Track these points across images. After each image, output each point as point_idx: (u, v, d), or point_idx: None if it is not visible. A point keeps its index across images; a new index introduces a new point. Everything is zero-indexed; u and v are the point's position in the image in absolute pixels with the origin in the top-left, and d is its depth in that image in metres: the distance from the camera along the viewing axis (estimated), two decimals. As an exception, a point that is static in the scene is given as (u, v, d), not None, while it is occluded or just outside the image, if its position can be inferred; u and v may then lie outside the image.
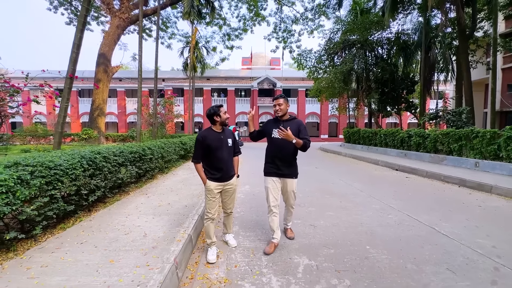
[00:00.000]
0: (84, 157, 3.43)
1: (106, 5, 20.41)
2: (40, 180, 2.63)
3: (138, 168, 5.23)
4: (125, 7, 19.78)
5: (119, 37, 20.07)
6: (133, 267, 2.17)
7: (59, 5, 24.01)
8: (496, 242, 2.98)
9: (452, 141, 8.31)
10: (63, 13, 24.60)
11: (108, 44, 19.10)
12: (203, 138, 2.61)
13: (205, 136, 2.62)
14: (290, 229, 3.18)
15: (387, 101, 18.33)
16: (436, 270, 2.39)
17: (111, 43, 19.35)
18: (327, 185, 6.24)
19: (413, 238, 3.12)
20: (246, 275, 2.35)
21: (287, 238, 3.08)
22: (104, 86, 18.79)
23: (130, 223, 3.20)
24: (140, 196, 4.59)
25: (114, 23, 19.63)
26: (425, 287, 2.14)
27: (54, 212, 2.87)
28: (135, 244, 2.61)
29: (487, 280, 2.23)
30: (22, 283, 1.94)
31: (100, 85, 18.23)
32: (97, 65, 18.67)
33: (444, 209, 4.31)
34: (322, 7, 21.85)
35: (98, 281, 1.96)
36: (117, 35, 19.71)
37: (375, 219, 3.80)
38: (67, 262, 2.25)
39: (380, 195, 5.20)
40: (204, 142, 2.60)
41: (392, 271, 2.39)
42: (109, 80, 19.64)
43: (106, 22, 24.78)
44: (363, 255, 2.70)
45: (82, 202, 3.44)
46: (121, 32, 19.95)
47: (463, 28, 10.86)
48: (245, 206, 4.50)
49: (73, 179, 3.15)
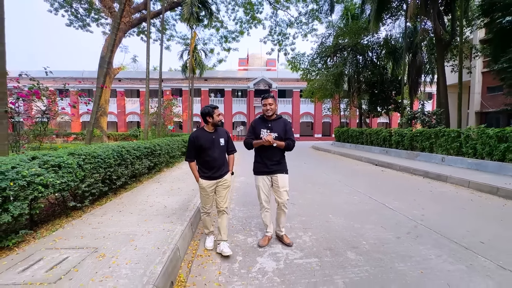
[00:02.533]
0: (114, 150, 4.38)
1: (107, 9, 21.21)
2: (89, 166, 3.59)
3: (150, 161, 6.18)
4: (126, 11, 20.51)
5: (120, 40, 20.85)
6: (161, 223, 3.14)
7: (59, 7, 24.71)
8: (425, 212, 4.02)
9: (424, 139, 9.39)
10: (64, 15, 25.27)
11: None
12: (195, 138, 2.70)
13: (197, 136, 2.71)
14: (285, 235, 3.02)
15: (377, 102, 19.42)
16: (373, 227, 3.41)
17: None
18: (311, 177, 7.25)
19: (366, 211, 4.14)
20: (240, 231, 3.34)
21: (285, 244, 2.92)
22: (106, 86, 19.59)
23: (152, 200, 4.17)
24: (153, 184, 5.55)
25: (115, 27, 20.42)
26: (362, 235, 3.16)
27: (96, 191, 3.83)
28: (159, 212, 3.58)
29: (405, 232, 3.25)
30: (89, 231, 2.90)
31: (102, 86, 19.04)
32: (99, 67, 19.46)
33: (401, 193, 5.35)
34: (315, 12, 22.86)
35: (140, 230, 2.93)
36: (118, 38, 20.48)
37: (342, 199, 4.82)
38: (115, 221, 3.21)
39: (353, 184, 6.22)
40: (196, 142, 2.69)
41: (343, 227, 3.41)
42: (111, 82, 20.45)
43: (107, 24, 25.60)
44: (325, 220, 3.72)
45: (111, 186, 4.39)
46: (122, 35, 20.73)
47: (439, 37, 11.94)
48: (240, 192, 5.49)
49: (108, 166, 4.10)
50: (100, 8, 23.45)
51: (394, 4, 16.65)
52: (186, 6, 15.59)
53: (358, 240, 3.04)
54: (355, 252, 2.73)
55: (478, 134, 7.29)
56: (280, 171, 2.90)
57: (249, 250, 2.82)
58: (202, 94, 32.88)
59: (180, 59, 21.08)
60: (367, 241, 2.99)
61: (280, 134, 2.85)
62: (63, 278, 1.96)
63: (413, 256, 2.64)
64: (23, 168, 2.57)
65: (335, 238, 3.10)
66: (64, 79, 18.84)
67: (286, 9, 25.14)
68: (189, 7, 15.52)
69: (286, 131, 2.89)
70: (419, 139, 9.69)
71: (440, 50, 12.30)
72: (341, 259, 2.59)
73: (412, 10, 12.38)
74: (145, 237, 2.73)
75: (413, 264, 2.48)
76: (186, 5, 15.53)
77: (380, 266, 2.46)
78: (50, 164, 2.97)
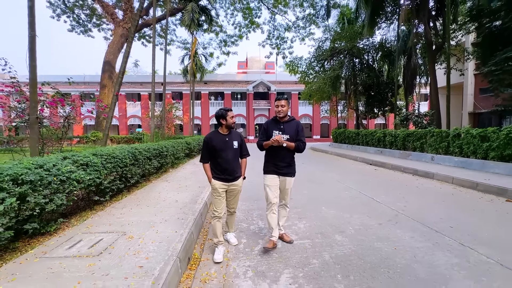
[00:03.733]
0: (129, 151, 4.87)
1: (110, 15, 21.82)
2: (109, 165, 4.07)
3: (158, 162, 6.67)
4: (128, 18, 21.13)
5: (122, 45, 21.39)
6: (175, 213, 3.62)
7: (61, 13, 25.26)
8: (408, 204, 4.51)
9: (415, 139, 9.91)
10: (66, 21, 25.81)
11: (112, 52, 20.47)
12: (209, 140, 2.78)
13: (211, 138, 2.79)
14: (285, 234, 3.12)
15: (374, 103, 19.98)
16: (360, 216, 3.91)
17: (115, 51, 20.71)
18: (307, 175, 7.74)
19: (355, 203, 4.63)
20: (244, 220, 3.83)
21: (286, 242, 3.01)
22: (109, 91, 20.11)
23: (164, 195, 4.65)
24: (162, 182, 6.04)
25: (118, 33, 21.02)
26: (349, 223, 3.65)
27: (115, 187, 4.32)
28: (172, 205, 4.06)
29: (387, 219, 3.75)
30: (114, 220, 3.38)
31: (105, 90, 19.58)
32: (102, 72, 20.05)
33: (389, 188, 5.85)
34: (312, 16, 23.50)
35: (158, 218, 3.41)
36: (120, 44, 21.05)
37: (334, 194, 5.32)
38: (134, 212, 3.69)
39: (346, 181, 6.72)
40: (210, 144, 2.77)
41: (333, 217, 3.90)
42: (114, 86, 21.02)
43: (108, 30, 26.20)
44: (318, 211, 4.21)
45: (126, 183, 4.88)
46: (124, 41, 21.27)
47: (430, 42, 12.50)
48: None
49: (124, 165, 4.59)
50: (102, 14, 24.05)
51: (388, 9, 17.26)
52: (187, 13, 16.14)
53: (346, 226, 3.53)
54: (342, 235, 3.22)
55: (464, 134, 7.81)
56: (290, 174, 2.97)
57: (251, 235, 3.31)
58: (202, 97, 33.44)
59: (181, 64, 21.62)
60: (353, 227, 3.48)
61: (292, 135, 2.88)
62: (103, 252, 2.44)
63: (390, 238, 3.13)
64: (61, 166, 3.05)
65: (326, 225, 3.59)
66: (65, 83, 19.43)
67: (284, 13, 25.84)
68: (190, 14, 16.06)
69: (297, 133, 2.90)
70: (411, 139, 10.21)
71: (431, 54, 12.88)
72: (329, 240, 3.08)
73: (404, 16, 12.98)
74: (163, 224, 3.22)
75: (389, 243, 2.97)
76: (187, 12, 16.09)
77: (361, 245, 2.95)
78: (80, 163, 3.46)
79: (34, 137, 3.89)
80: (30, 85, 3.81)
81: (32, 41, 3.84)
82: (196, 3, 17.22)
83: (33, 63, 3.86)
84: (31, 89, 3.81)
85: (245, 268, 2.51)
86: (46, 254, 2.43)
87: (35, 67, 3.89)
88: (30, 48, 3.82)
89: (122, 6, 22.12)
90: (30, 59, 3.82)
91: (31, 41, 3.85)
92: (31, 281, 1.98)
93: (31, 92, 3.79)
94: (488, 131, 7.06)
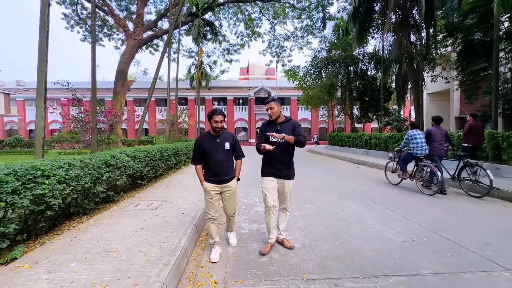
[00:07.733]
0: (158, 149, 6.44)
1: (122, 28, 23.68)
2: (147, 158, 5.64)
3: (175, 159, 8.24)
4: (139, 30, 22.97)
5: (134, 55, 23.19)
6: (196, 193, 5.15)
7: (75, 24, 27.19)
8: (367, 189, 6.02)
9: (394, 141, 11.40)
10: (79, 31, 27.72)
11: (125, 62, 22.22)
12: (199, 141, 2.73)
13: (202, 139, 2.74)
14: (286, 239, 3.03)
15: (368, 108, 21.48)
16: (329, 194, 5.44)
17: (128, 61, 22.47)
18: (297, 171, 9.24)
19: (328, 189, 6.15)
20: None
21: (287, 248, 2.92)
22: (122, 97, 21.84)
23: (184, 182, 6.21)
24: (179, 175, 7.59)
25: (129, 44, 22.80)
26: (318, 198, 5.16)
27: (150, 175, 5.87)
28: (192, 188, 5.60)
29: (345, 197, 5.27)
30: (155, 194, 4.92)
31: (118, 97, 21.32)
32: (116, 80, 21.79)
33: (359, 179, 7.35)
34: (310, 27, 25.19)
35: (185, 194, 4.96)
36: (132, 54, 22.79)
37: (315, 183, 6.84)
38: (167, 191, 5.23)
39: (327, 174, 8.23)
40: (200, 145, 2.71)
41: (308, 195, 5.43)
42: (126, 92, 22.78)
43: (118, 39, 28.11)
44: (299, 193, 5.72)
45: (155, 173, 6.43)
46: (135, 51, 23.06)
47: (410, 55, 14.03)
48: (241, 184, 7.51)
49: (155, 160, 6.15)
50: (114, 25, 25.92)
51: (379, 21, 18.87)
52: (194, 27, 17.87)
53: (315, 200, 5.05)
54: (311, 205, 4.74)
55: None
56: (289, 177, 2.89)
57: (249, 207, 4.84)
58: (206, 102, 35.17)
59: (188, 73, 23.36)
60: (320, 201, 5.00)
61: (288, 134, 2.75)
62: (157, 208, 3.99)
63: (342, 206, 4.64)
64: (120, 157, 4.62)
65: (300, 200, 5.11)
66: (78, 89, 21.34)
67: (283, 24, 27.57)
68: (197, 28, 17.76)
69: (294, 130, 2.79)
70: (391, 141, 11.69)
71: (412, 66, 14.39)
72: (301, 207, 4.60)
73: (387, 30, 14.55)
74: (189, 197, 4.76)
75: (340, 209, 4.47)
76: (195, 26, 17.82)
77: (322, 209, 4.46)
78: (130, 156, 5.03)
79: (95, 138, 5.46)
80: (92, 101, 5.40)
81: (94, 70, 5.43)
82: (202, 18, 18.95)
83: (94, 85, 5.45)
84: (93, 104, 5.40)
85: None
86: (123, 209, 3.99)
87: (95, 88, 5.47)
88: (92, 75, 5.42)
89: (133, 19, 23.98)
90: (92, 84, 5.40)
91: (92, 69, 5.45)
92: (123, 218, 3.54)
93: (93, 107, 5.37)
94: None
